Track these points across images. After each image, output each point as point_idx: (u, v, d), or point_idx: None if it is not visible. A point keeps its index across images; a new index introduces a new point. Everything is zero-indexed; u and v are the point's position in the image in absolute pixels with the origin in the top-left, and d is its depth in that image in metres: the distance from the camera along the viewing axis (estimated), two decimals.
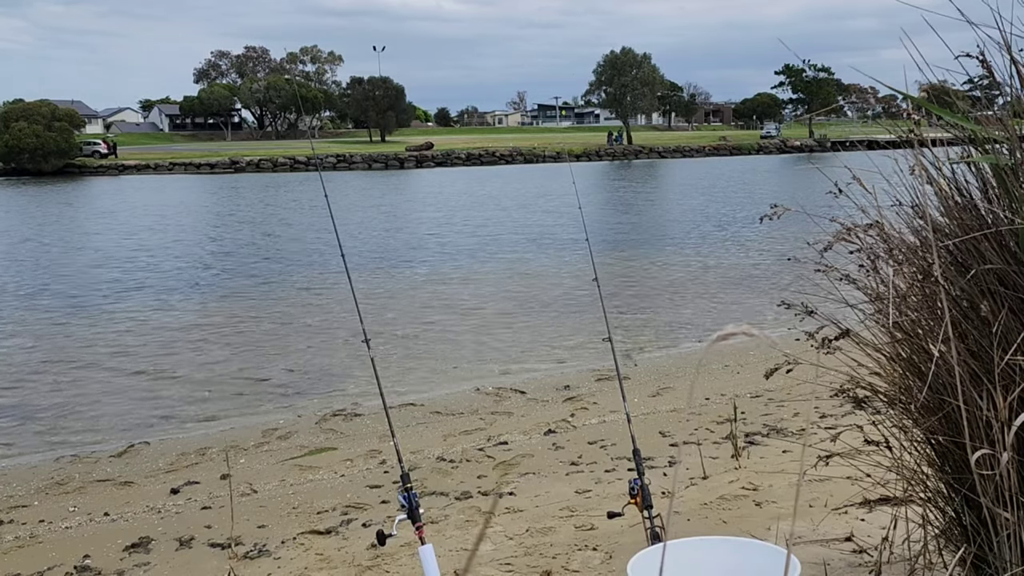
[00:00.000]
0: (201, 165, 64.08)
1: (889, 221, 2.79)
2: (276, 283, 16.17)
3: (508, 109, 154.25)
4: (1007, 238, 2.45)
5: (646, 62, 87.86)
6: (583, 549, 4.26)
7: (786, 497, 4.71)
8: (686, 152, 77.13)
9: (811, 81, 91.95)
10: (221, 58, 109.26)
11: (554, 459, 6.12)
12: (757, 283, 14.71)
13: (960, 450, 2.50)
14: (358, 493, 5.68)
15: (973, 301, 2.48)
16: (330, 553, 4.61)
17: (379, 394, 3.57)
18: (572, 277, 15.73)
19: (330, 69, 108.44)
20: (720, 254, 18.66)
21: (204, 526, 5.23)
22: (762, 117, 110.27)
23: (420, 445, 6.76)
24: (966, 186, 2.66)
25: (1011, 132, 2.47)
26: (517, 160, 70.38)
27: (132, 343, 11.51)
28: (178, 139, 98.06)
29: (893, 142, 2.79)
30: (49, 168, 60.03)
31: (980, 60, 2.45)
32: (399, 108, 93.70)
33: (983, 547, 2.52)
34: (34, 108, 61.83)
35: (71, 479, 6.52)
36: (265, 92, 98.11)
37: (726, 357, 9.31)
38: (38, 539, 5.29)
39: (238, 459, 6.70)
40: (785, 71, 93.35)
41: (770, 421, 6.59)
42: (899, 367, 2.79)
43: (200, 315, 13.43)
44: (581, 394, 8.22)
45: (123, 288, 15.92)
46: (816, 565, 3.49)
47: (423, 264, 18.35)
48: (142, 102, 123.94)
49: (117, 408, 8.63)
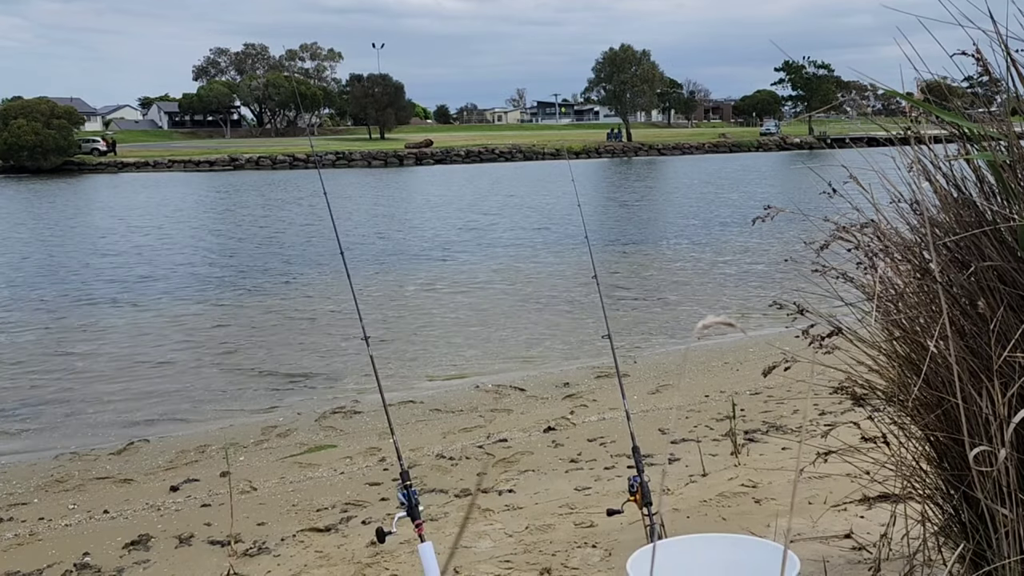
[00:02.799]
0: (200, 163, 64.06)
1: (887, 219, 2.80)
2: (275, 281, 16.18)
3: (508, 106, 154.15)
4: (1006, 235, 2.45)
5: (645, 59, 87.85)
6: (583, 546, 4.26)
7: (785, 494, 4.72)
8: (685, 149, 77.13)
9: (811, 78, 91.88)
10: (220, 55, 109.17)
11: (554, 456, 6.13)
12: (757, 281, 14.72)
13: (959, 447, 2.50)
14: (358, 490, 5.68)
15: (971, 298, 2.49)
16: (330, 550, 4.61)
17: (378, 391, 3.57)
18: (571, 274, 15.74)
19: (329, 66, 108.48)
20: (720, 252, 18.67)
21: (204, 523, 5.24)
22: (762, 114, 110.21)
23: (420, 442, 6.76)
24: (963, 183, 2.66)
25: (1008, 129, 2.47)
26: (516, 157, 70.37)
27: (131, 341, 11.51)
28: (177, 136, 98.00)
29: (892, 139, 2.79)
30: (48, 165, 60.02)
31: (976, 58, 2.45)
32: (398, 105, 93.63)
33: (982, 544, 2.52)
34: (33, 105, 61.79)
35: (71, 476, 6.53)
36: (264, 89, 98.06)
37: (726, 354, 9.31)
38: (38, 536, 5.29)
39: (238, 456, 6.71)
40: (785, 68, 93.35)
41: (769, 418, 6.59)
42: (896, 364, 2.79)
43: (199, 313, 13.43)
44: (580, 391, 8.22)
45: (123, 286, 15.93)
46: (815, 562, 3.49)
47: (423, 261, 18.35)
48: (141, 99, 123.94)
49: (117, 405, 8.63)
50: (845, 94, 46.42)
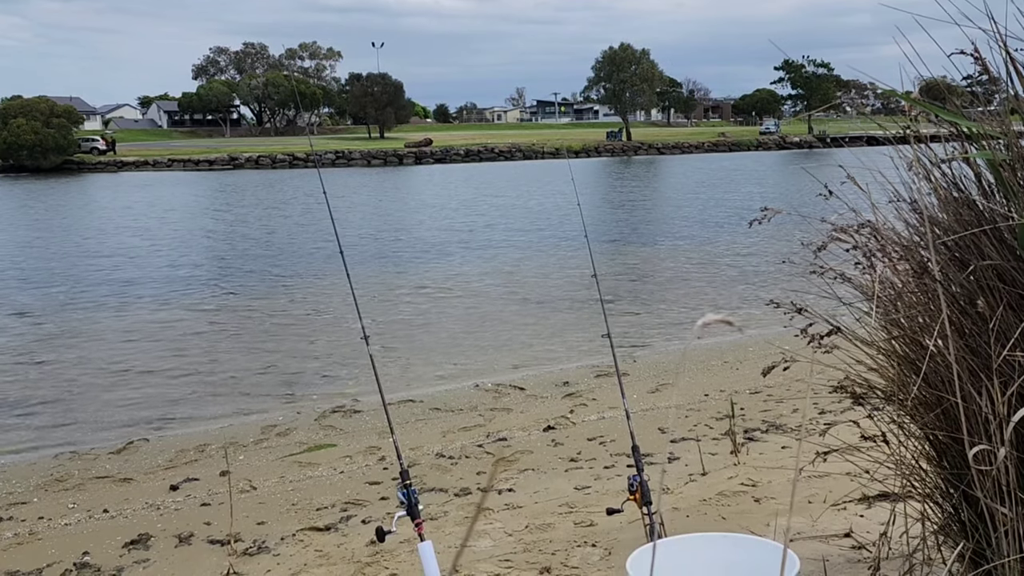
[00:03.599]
0: (200, 162, 64.03)
1: (885, 218, 2.80)
2: (275, 280, 16.17)
3: (507, 105, 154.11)
4: (1005, 234, 2.45)
5: (645, 58, 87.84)
6: (582, 545, 4.26)
7: (785, 493, 4.72)
8: (685, 148, 77.10)
9: (810, 77, 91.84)
10: (220, 54, 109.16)
11: (553, 455, 6.13)
12: (756, 281, 14.72)
13: (958, 445, 2.50)
14: (357, 490, 5.68)
15: (970, 297, 2.49)
16: (329, 550, 4.61)
17: (378, 391, 3.57)
18: (571, 274, 15.74)
19: (329, 65, 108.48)
20: (719, 252, 18.67)
21: (203, 523, 5.24)
22: (761, 113, 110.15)
23: (419, 441, 6.77)
24: (962, 182, 2.66)
25: (1008, 128, 2.47)
26: (516, 156, 70.36)
27: (131, 340, 11.51)
28: (177, 135, 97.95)
29: (891, 138, 2.79)
30: (48, 165, 60.00)
31: (975, 57, 2.45)
32: (398, 104, 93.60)
33: (981, 542, 2.52)
34: (32, 104, 61.77)
35: (70, 476, 6.53)
36: (264, 88, 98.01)
37: (725, 353, 9.31)
38: (37, 536, 5.29)
39: (237, 456, 6.71)
40: (784, 67, 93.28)
41: (769, 417, 6.60)
42: (896, 363, 2.79)
43: (199, 312, 13.43)
44: (580, 390, 8.22)
45: (122, 285, 15.92)
46: (815, 561, 3.49)
47: (422, 261, 18.35)
48: (140, 99, 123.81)
49: (116, 405, 8.63)
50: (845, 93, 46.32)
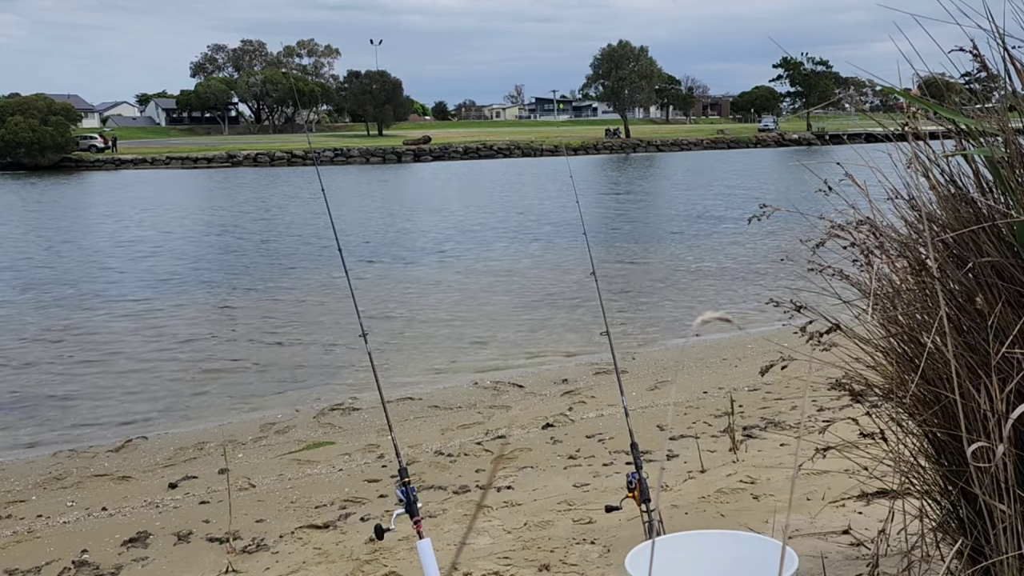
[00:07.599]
0: (198, 159, 63.99)
1: (884, 215, 2.80)
2: (274, 278, 16.16)
3: (506, 103, 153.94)
4: (1003, 230, 2.45)
5: (643, 55, 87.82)
6: (581, 543, 4.26)
7: (784, 490, 4.72)
8: (684, 145, 77.09)
9: (809, 74, 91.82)
10: (217, 52, 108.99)
11: (552, 453, 6.13)
12: (755, 278, 14.72)
13: (957, 442, 2.50)
14: (356, 487, 5.68)
15: (969, 294, 2.49)
16: (328, 547, 4.61)
17: (377, 388, 3.57)
18: (570, 271, 15.73)
19: (327, 63, 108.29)
20: (720, 250, 18.67)
21: (202, 520, 5.24)
22: (760, 110, 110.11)
23: (418, 439, 6.77)
24: (961, 179, 2.66)
25: (1006, 125, 2.47)
26: (515, 154, 70.32)
27: (129, 338, 11.50)
28: (175, 133, 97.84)
29: (889, 135, 2.79)
30: (46, 162, 59.96)
31: (974, 54, 2.45)
32: (396, 102, 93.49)
33: (980, 540, 2.52)
34: (30, 102, 61.73)
35: (69, 474, 6.53)
36: (262, 86, 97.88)
37: (724, 351, 9.31)
38: (36, 534, 5.29)
39: (236, 453, 6.70)
40: (783, 64, 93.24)
41: (768, 415, 6.60)
42: (894, 360, 2.79)
43: (197, 310, 13.43)
44: (579, 388, 8.22)
45: (121, 283, 15.91)
46: (814, 558, 3.50)
47: (421, 259, 18.35)
48: (138, 96, 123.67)
49: (114, 402, 8.63)
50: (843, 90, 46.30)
